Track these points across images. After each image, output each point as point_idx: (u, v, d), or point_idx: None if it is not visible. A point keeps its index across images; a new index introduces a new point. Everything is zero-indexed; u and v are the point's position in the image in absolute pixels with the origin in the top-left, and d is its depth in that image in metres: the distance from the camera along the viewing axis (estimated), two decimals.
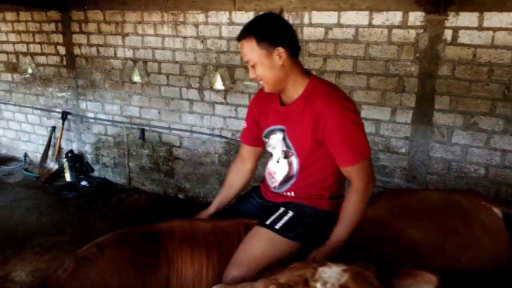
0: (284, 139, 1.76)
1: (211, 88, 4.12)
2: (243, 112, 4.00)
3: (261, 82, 1.71)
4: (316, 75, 1.84)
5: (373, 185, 1.68)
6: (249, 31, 1.62)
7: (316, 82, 1.71)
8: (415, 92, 3.25)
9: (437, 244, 1.65)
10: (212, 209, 2.03)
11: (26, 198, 4.68)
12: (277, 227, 1.68)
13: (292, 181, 1.80)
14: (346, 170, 1.66)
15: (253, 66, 1.65)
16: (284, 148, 1.78)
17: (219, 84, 4.09)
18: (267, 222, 1.71)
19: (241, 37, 1.65)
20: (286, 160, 1.79)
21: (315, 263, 1.21)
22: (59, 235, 3.83)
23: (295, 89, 1.70)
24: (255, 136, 1.95)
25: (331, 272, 1.15)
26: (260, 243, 1.65)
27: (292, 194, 1.81)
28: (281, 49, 1.61)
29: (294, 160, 1.77)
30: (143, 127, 4.61)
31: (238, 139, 4.10)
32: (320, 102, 1.62)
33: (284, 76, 1.66)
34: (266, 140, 1.87)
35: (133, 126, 4.68)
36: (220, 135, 4.20)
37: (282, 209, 1.76)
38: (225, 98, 4.08)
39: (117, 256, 1.51)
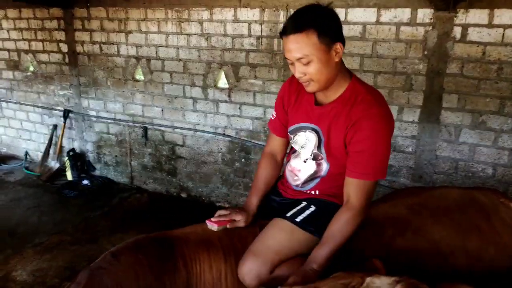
0: (318, 145, 1.65)
1: (215, 86, 4.08)
2: (247, 110, 3.96)
3: (305, 82, 1.55)
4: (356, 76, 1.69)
5: (366, 214, 1.56)
6: (307, 24, 1.43)
7: (358, 86, 1.58)
8: (423, 90, 3.21)
9: (458, 242, 1.60)
10: (255, 202, 1.81)
11: (27, 197, 4.63)
12: (297, 219, 1.60)
13: (317, 181, 1.71)
14: (350, 182, 1.56)
15: (307, 63, 1.48)
16: (315, 151, 1.68)
17: (223, 82, 4.05)
18: (288, 215, 1.63)
19: (295, 30, 1.45)
20: (314, 161, 1.69)
21: (362, 273, 1.15)
22: (61, 234, 3.78)
23: (336, 90, 1.59)
24: (287, 126, 1.81)
25: (381, 282, 1.09)
26: (278, 234, 1.58)
27: (317, 192, 1.72)
28: (339, 45, 1.49)
29: (324, 164, 1.68)
30: (146, 126, 4.56)
31: (242, 138, 4.06)
32: (359, 111, 1.52)
33: (335, 74, 1.54)
34: (292, 136, 1.76)
35: (135, 124, 4.64)
36: (224, 134, 4.15)
37: (304, 203, 1.68)
38: (229, 96, 4.03)
39: (134, 262, 1.45)
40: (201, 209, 4.30)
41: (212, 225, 1.68)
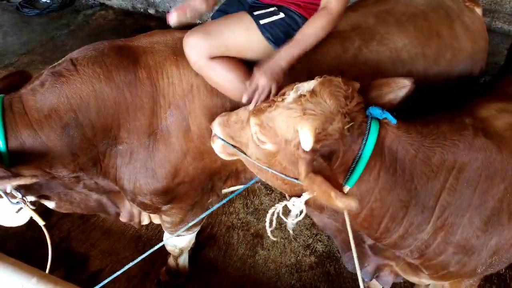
0: None
1: None
2: None
3: None
4: None
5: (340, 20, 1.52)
6: None
7: None
8: None
9: (418, 49, 1.67)
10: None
11: None
12: (261, 22, 1.54)
13: None
14: None
15: None
16: None
17: None
18: (255, 13, 1.56)
19: None
20: None
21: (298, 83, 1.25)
22: (30, 54, 3.75)
23: None
24: None
25: (306, 84, 1.21)
26: (236, 27, 1.53)
27: None
28: None
29: None
30: None
31: None
32: None
33: None
34: None
35: None
36: None
37: (274, 8, 1.59)
38: None
39: (91, 75, 1.45)
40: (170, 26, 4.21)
41: (171, 18, 1.58)
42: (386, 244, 1.31)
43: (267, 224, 1.32)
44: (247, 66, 1.54)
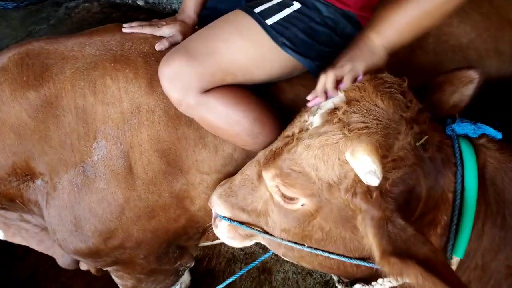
0: None
1: None
2: None
3: None
4: None
5: None
6: None
7: None
8: None
9: (489, 44, 1.24)
10: (191, 6, 1.30)
11: None
12: (268, 22, 1.03)
13: None
14: None
15: None
16: None
17: None
18: (256, 10, 1.06)
19: None
20: None
21: None
22: None
23: None
24: None
25: (329, 100, 0.83)
26: (233, 35, 1.02)
27: None
28: None
29: None
30: None
31: None
32: None
33: None
34: None
35: None
36: None
37: None
38: None
39: None
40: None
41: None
42: None
43: None
44: (260, 97, 1.10)
